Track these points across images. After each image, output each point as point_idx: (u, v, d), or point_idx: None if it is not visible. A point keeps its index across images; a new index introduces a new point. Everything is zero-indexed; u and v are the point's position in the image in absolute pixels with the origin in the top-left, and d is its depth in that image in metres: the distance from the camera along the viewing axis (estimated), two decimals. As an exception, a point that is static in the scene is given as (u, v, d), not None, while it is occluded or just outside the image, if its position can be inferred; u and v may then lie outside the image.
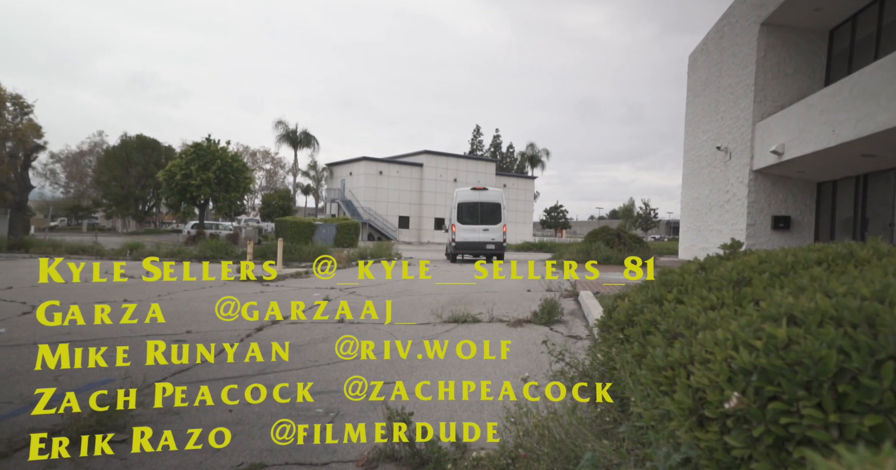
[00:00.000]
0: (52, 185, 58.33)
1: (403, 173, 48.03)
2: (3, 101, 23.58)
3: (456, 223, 17.02)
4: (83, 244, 18.79)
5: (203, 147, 28.28)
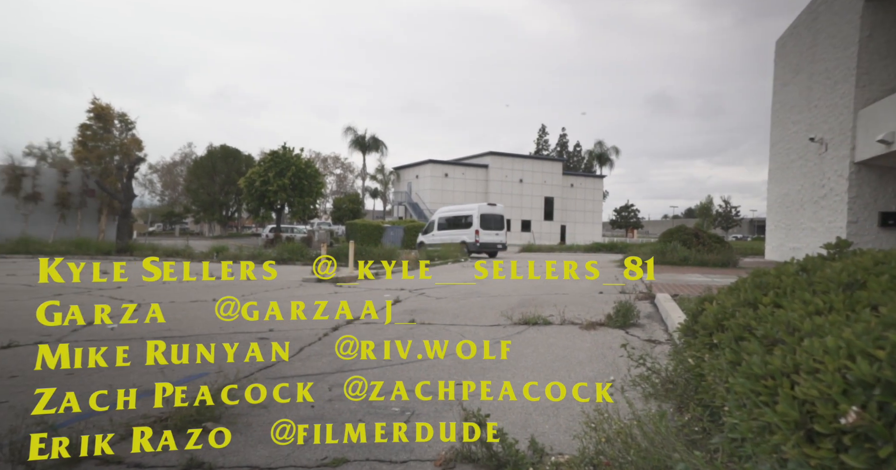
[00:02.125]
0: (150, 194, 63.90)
1: (469, 175, 48.18)
2: (112, 120, 26.18)
3: (479, 229, 22.87)
4: (177, 247, 20.45)
5: (279, 155, 29.87)
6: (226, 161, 50.73)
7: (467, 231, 23.24)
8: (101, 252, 19.94)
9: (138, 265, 15.78)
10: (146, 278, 11.78)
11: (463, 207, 25.33)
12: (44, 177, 27.04)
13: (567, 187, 52.78)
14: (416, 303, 8.40)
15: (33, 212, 26.42)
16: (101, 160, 25.97)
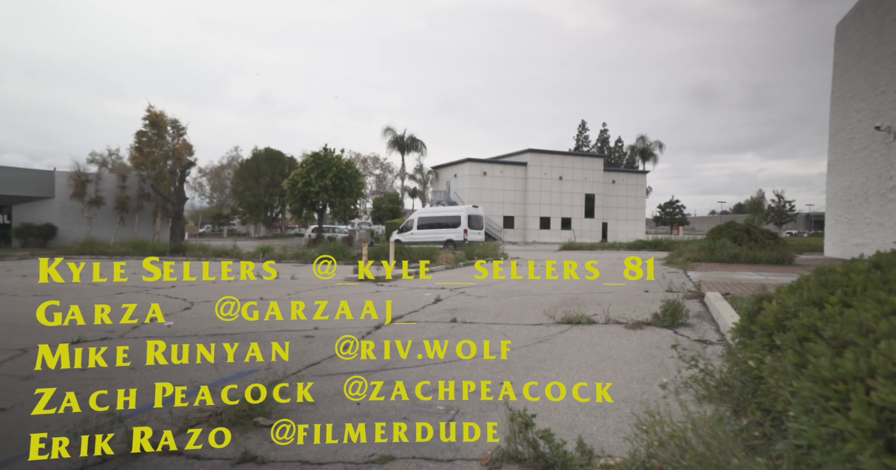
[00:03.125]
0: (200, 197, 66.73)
1: (507, 173, 47.84)
2: (165, 126, 27.52)
3: (467, 228, 25.83)
4: (225, 248, 21.25)
5: (321, 156, 30.51)
6: (270, 163, 52.27)
7: (455, 230, 25.98)
8: (157, 253, 20.94)
9: (191, 265, 16.49)
10: (188, 277, 12.28)
11: (448, 209, 28.60)
12: (105, 182, 28.67)
13: (608, 184, 51.60)
14: (457, 302, 8.40)
15: (96, 215, 28.05)
16: (156, 165, 27.30)
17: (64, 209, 27.92)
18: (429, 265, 15.91)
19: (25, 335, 5.55)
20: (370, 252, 17.40)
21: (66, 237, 26.83)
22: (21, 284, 10.78)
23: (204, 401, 3.41)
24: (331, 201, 30.94)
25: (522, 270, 15.00)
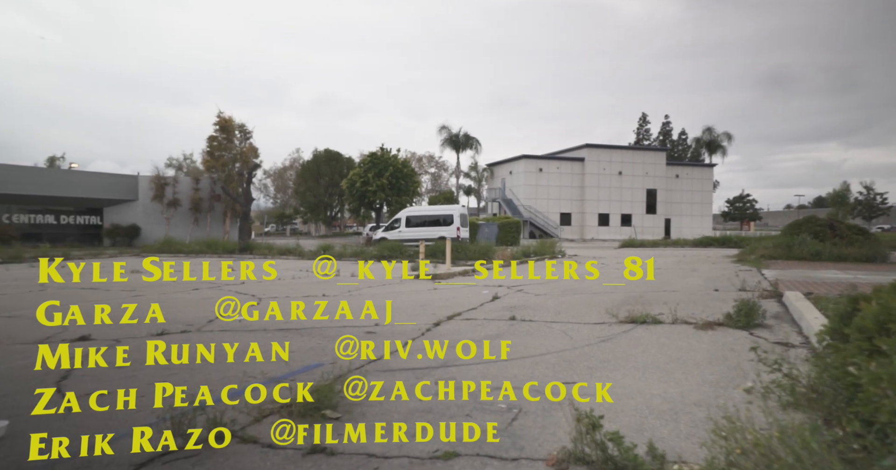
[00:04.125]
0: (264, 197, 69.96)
1: (564, 169, 46.88)
2: (233, 130, 29.12)
3: (460, 226, 27.30)
4: (288, 246, 22.14)
5: (377, 156, 31.19)
6: (329, 164, 53.95)
7: (448, 228, 27.25)
8: (227, 251, 22.15)
9: (255, 263, 17.33)
10: (245, 274, 12.87)
11: (439, 208, 30.16)
12: (181, 185, 30.69)
13: (671, 178, 49.39)
14: (515, 299, 8.32)
15: (173, 216, 30.08)
16: (225, 167, 28.89)
17: (146, 210, 30.13)
18: (484, 264, 15.87)
19: (117, 328, 6.03)
20: (427, 250, 17.57)
21: (148, 236, 28.92)
22: (111, 280, 11.71)
23: (275, 393, 3.56)
24: (387, 200, 31.56)
25: (581, 268, 14.65)
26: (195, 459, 2.58)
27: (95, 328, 5.90)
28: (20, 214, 28.42)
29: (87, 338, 5.42)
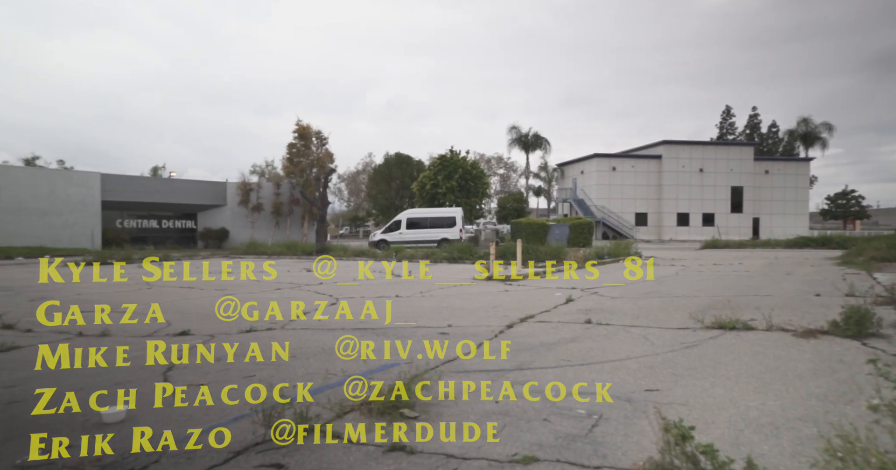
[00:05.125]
0: (339, 201, 72.83)
1: (639, 167, 44.92)
2: (311, 137, 30.68)
3: (462, 227, 28.28)
4: (362, 248, 22.91)
5: (447, 158, 31.51)
6: (400, 167, 55.18)
7: (451, 230, 28.17)
8: (305, 253, 23.28)
9: (332, 264, 18.07)
10: (322, 275, 13.38)
11: (440, 210, 30.53)
12: (263, 190, 32.71)
13: (760, 175, 45.85)
14: (590, 302, 8.07)
15: (257, 220, 32.10)
16: (303, 173, 30.42)
17: (234, 215, 32.38)
18: (555, 265, 15.54)
19: (212, 324, 6.51)
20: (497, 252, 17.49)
21: (235, 239, 31.06)
22: (205, 279, 12.68)
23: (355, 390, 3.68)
24: (457, 202, 31.76)
25: (660, 270, 13.96)
26: (284, 450, 2.72)
27: (193, 324, 6.40)
28: (130, 219, 31.56)
29: (186, 333, 5.89)
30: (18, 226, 25.87)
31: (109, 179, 29.04)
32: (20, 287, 11.09)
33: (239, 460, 2.61)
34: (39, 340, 5.56)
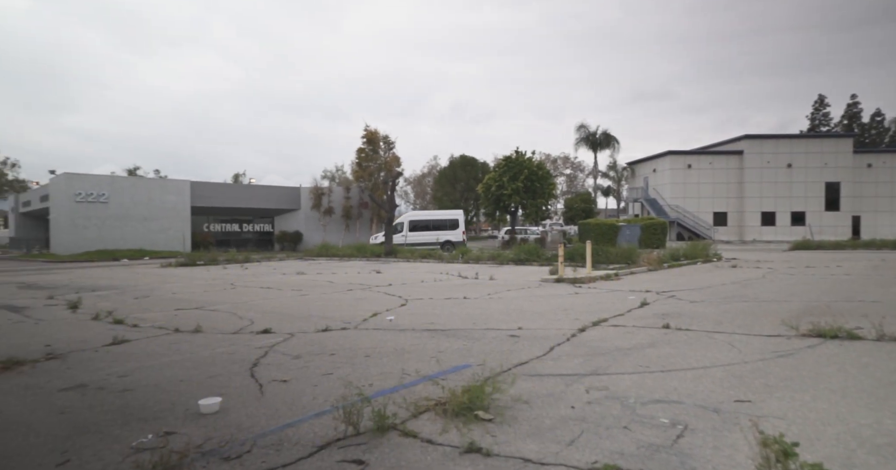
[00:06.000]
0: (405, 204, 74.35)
1: (718, 164, 42.32)
2: (378, 142, 31.67)
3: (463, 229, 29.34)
4: (427, 250, 23.20)
5: (512, 159, 31.23)
6: (464, 169, 55.52)
7: (454, 232, 28.76)
8: (374, 254, 23.95)
9: (399, 266, 18.44)
10: (391, 277, 13.62)
11: (442, 212, 31.68)
12: (334, 194, 34.10)
13: (861, 169, 41.70)
14: (667, 306, 7.69)
15: (328, 223, 33.47)
16: (371, 177, 31.36)
17: (307, 218, 33.97)
18: (627, 267, 14.96)
19: (290, 323, 6.84)
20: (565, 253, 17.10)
21: (308, 241, 32.58)
22: (282, 280, 13.37)
23: (430, 390, 3.72)
24: (523, 203, 31.40)
25: (743, 273, 13.06)
26: (364, 446, 2.80)
27: (273, 322, 6.76)
28: (214, 224, 33.95)
29: (268, 331, 6.23)
30: (123, 231, 28.57)
31: (198, 187, 31.41)
32: (126, 286, 12.22)
33: (322, 455, 2.72)
34: (144, 335, 6.10)
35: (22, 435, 3.10)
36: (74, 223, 27.27)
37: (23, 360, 4.83)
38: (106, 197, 27.99)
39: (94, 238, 27.52)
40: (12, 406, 3.63)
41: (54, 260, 24.74)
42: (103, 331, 6.36)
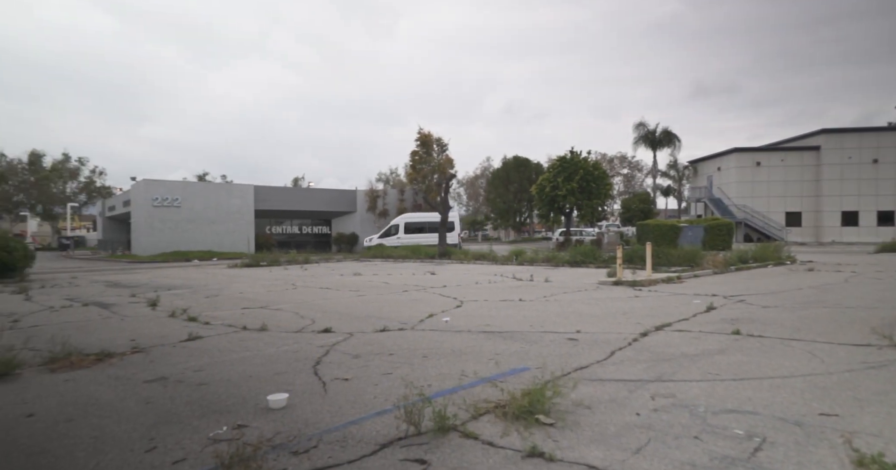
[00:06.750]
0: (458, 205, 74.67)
1: (791, 161, 39.67)
2: (432, 144, 32.04)
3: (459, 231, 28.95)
4: (482, 251, 23.15)
5: (567, 159, 30.64)
6: (518, 170, 54.97)
7: (450, 234, 27.48)
8: (428, 256, 24.17)
9: (453, 267, 18.50)
10: (445, 278, 13.64)
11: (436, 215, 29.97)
12: (389, 196, 34.75)
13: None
14: (736, 311, 7.28)
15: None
16: (425, 179, 31.70)
17: (362, 220, 34.82)
18: (690, 269, 14.28)
19: (349, 323, 7.02)
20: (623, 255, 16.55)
21: (364, 243, 33.36)
22: (340, 281, 13.75)
23: (489, 391, 3.70)
24: (578, 204, 30.74)
25: (822, 277, 12.17)
26: (426, 446, 2.83)
27: (333, 322, 6.96)
28: (276, 226, 35.46)
29: (328, 330, 6.41)
30: (194, 233, 30.39)
31: (261, 191, 32.91)
32: (197, 286, 12.98)
33: (385, 453, 2.77)
34: (215, 332, 6.45)
35: (115, 422, 3.35)
36: (152, 226, 29.28)
37: (112, 352, 5.24)
38: (179, 201, 29.87)
39: (168, 240, 29.43)
40: (106, 395, 3.94)
41: (135, 260, 26.68)
42: (179, 327, 6.78)
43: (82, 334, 6.45)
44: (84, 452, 2.88)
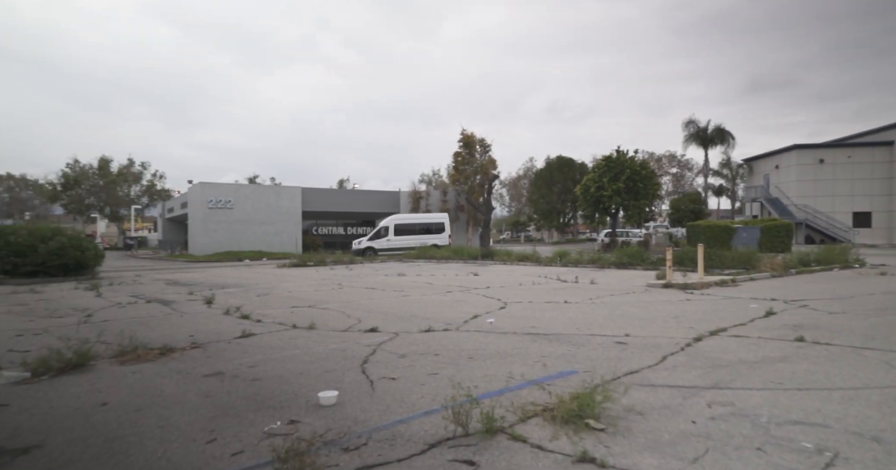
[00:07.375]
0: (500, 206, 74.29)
1: (859, 158, 37.21)
2: (475, 145, 32.07)
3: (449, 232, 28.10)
4: (525, 253, 22.92)
5: (613, 159, 29.92)
6: (561, 171, 54.14)
7: (440, 236, 27.80)
8: (471, 257, 24.14)
9: (496, 268, 18.40)
10: (489, 279, 13.54)
11: (427, 216, 30.45)
12: (431, 197, 34.96)
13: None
14: (799, 316, 6.89)
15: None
16: (468, 180, 31.72)
17: (406, 222, 35.16)
18: (745, 272, 13.62)
19: (395, 323, 7.10)
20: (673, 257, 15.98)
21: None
22: (385, 281, 13.94)
23: (536, 394, 3.65)
24: (624, 204, 29.97)
25: (894, 282, 11.33)
26: (474, 448, 2.81)
27: (379, 322, 7.05)
28: (321, 227, 36.37)
29: (375, 330, 6.51)
30: (245, 234, 31.60)
31: (308, 192, 33.85)
32: (249, 284, 13.48)
33: (434, 453, 2.77)
34: (266, 330, 6.67)
35: (178, 413, 3.52)
36: (207, 227, 30.65)
37: (174, 347, 5.51)
38: (231, 203, 31.14)
39: (221, 240, 30.72)
40: (169, 387, 4.15)
41: (191, 260, 28.01)
42: (233, 324, 7.06)
43: (146, 329, 6.82)
44: (152, 440, 3.04)
